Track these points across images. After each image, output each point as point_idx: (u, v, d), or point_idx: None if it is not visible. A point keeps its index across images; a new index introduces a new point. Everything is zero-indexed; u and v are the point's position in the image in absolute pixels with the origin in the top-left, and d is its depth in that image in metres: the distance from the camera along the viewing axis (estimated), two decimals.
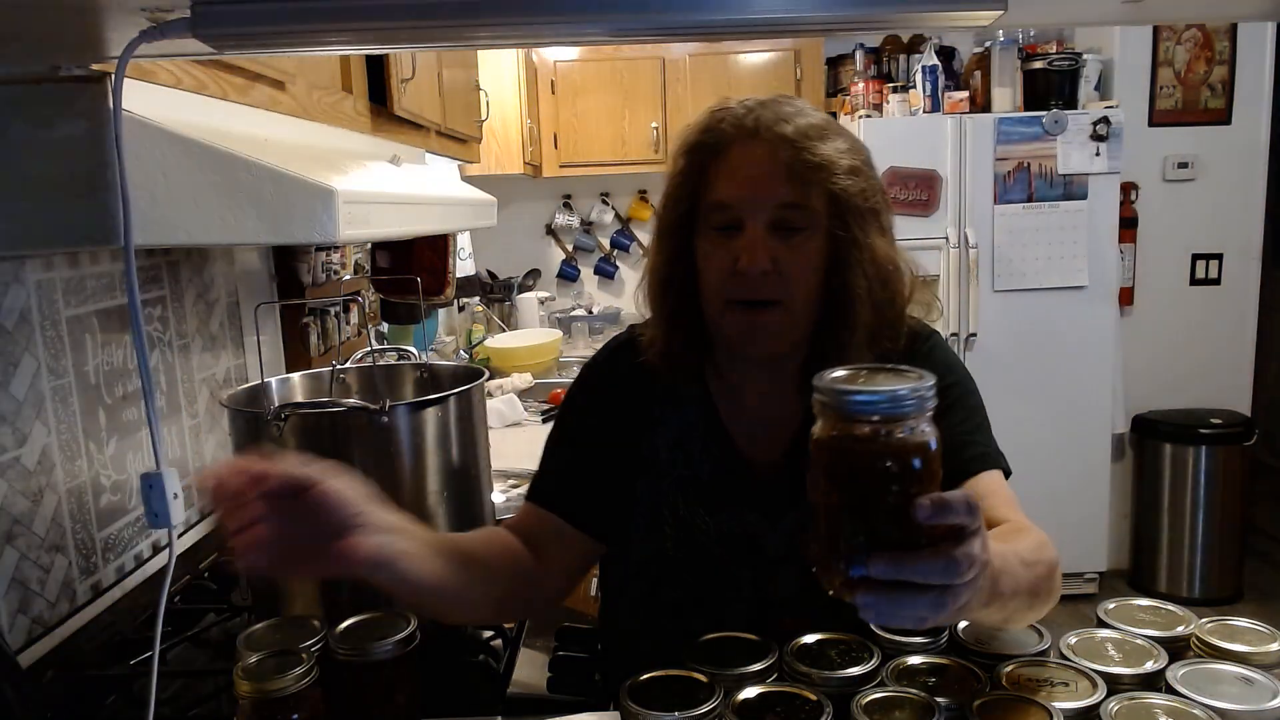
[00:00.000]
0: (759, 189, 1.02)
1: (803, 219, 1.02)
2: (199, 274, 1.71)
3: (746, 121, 1.04)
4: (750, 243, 1.01)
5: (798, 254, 1.02)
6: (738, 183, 1.03)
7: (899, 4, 0.67)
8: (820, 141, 1.02)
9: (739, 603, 1.09)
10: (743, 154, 1.03)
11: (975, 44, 3.92)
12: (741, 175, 1.03)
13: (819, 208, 1.02)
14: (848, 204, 1.02)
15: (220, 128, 1.01)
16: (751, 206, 1.02)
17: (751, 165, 1.03)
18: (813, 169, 1.01)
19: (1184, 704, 0.82)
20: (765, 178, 1.02)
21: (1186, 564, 3.73)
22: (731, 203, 1.03)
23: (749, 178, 1.03)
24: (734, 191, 1.03)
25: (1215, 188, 3.80)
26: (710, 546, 1.09)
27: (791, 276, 1.02)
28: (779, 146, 1.01)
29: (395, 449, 1.17)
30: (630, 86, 3.92)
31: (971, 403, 1.11)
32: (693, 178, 1.06)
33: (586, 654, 1.24)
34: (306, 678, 0.87)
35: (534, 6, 0.67)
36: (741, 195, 1.03)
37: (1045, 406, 3.58)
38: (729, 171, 1.04)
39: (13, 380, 1.19)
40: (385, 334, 2.73)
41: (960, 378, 1.12)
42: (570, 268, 4.45)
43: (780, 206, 1.02)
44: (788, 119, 1.03)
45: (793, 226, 1.02)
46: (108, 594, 1.35)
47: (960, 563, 0.65)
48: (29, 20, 0.67)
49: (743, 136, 1.04)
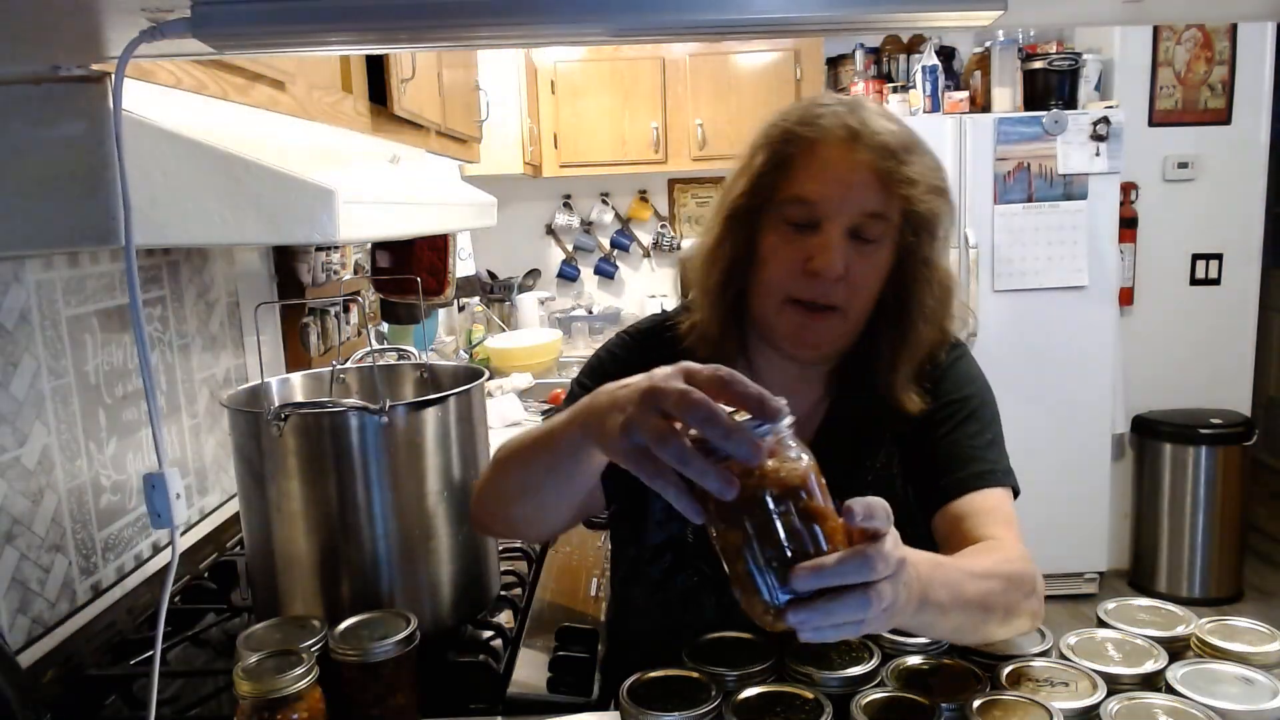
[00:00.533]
0: (848, 192, 1.00)
1: (880, 230, 1.01)
2: (199, 274, 1.71)
3: (850, 121, 1.01)
4: (827, 244, 0.99)
5: (868, 264, 1.01)
6: (826, 182, 1.00)
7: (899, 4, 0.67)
8: (915, 156, 1.01)
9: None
10: (839, 154, 1.00)
11: (975, 44, 3.92)
12: (832, 175, 1.00)
13: (896, 221, 1.01)
14: (923, 222, 1.01)
15: (220, 128, 1.01)
16: (836, 208, 1.00)
17: (845, 167, 1.00)
18: (902, 182, 0.99)
19: (1184, 704, 0.82)
20: (857, 183, 1.00)
21: (1186, 564, 3.73)
22: (815, 200, 1.00)
23: (840, 179, 1.00)
24: (820, 190, 1.00)
25: (1215, 188, 3.80)
26: None
27: (858, 286, 1.01)
28: (877, 154, 0.99)
29: (395, 449, 1.17)
30: (630, 86, 3.92)
31: (985, 416, 1.10)
32: (778, 166, 1.03)
33: (586, 654, 1.24)
34: (306, 678, 0.87)
35: (534, 6, 0.67)
36: (828, 195, 1.00)
37: (1045, 406, 3.58)
38: (820, 168, 1.01)
39: (13, 380, 1.19)
40: (385, 334, 2.73)
41: (977, 390, 1.12)
42: (570, 268, 4.45)
43: (864, 214, 1.00)
44: (887, 129, 1.01)
45: (869, 237, 1.01)
46: (108, 594, 1.35)
47: (873, 557, 0.68)
48: (29, 20, 0.67)
49: (842, 136, 1.01)
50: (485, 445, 1.38)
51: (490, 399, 2.72)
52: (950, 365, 1.12)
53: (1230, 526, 3.68)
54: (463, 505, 1.22)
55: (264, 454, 1.17)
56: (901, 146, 1.01)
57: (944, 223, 1.04)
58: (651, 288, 4.49)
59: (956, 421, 1.08)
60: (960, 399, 1.10)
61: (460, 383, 1.31)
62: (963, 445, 1.06)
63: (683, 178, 4.36)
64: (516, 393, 2.88)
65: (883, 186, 0.99)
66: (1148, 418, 3.79)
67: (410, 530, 1.19)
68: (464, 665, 1.19)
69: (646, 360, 1.17)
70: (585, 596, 1.49)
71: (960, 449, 1.06)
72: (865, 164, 0.99)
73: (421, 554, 1.20)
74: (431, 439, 1.20)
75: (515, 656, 1.25)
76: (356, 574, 1.17)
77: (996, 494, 1.04)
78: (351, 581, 1.17)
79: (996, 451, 1.08)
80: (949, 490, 1.04)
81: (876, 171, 0.99)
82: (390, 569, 1.18)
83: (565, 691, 1.17)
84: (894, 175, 0.99)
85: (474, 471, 1.28)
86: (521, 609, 1.38)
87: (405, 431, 1.18)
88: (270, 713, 0.85)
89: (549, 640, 1.28)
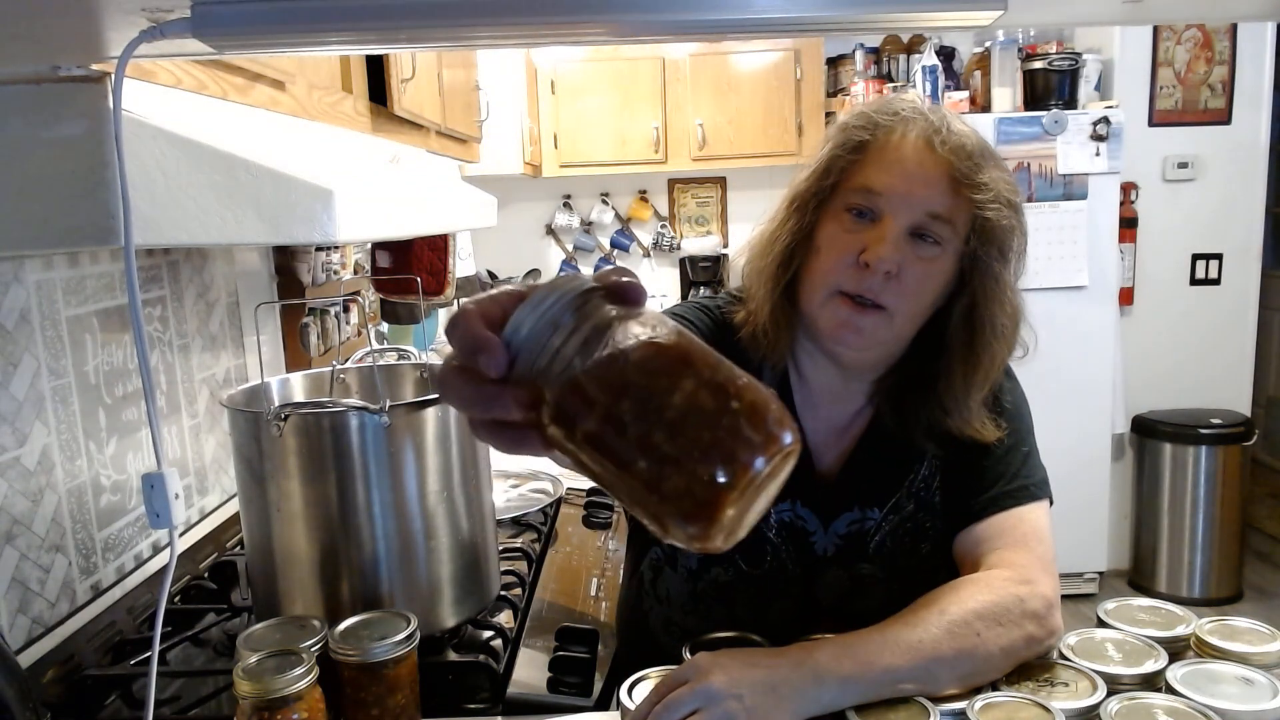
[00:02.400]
0: (914, 186, 0.97)
1: (943, 233, 0.98)
2: (199, 274, 1.71)
3: (932, 118, 1.00)
4: (883, 237, 0.97)
5: (925, 268, 0.98)
6: (895, 175, 0.98)
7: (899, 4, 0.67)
8: (990, 164, 0.99)
9: (785, 599, 1.08)
10: (913, 147, 0.99)
11: (975, 44, 3.92)
12: (901, 169, 0.98)
13: (962, 229, 0.99)
14: (992, 234, 0.99)
15: (220, 128, 1.01)
16: (900, 202, 0.97)
17: (916, 163, 0.98)
18: (973, 187, 0.97)
19: (1184, 704, 0.82)
20: (926, 179, 0.97)
21: (1186, 564, 3.73)
22: (881, 190, 0.98)
23: (908, 174, 0.98)
24: (887, 180, 0.98)
25: (1215, 188, 3.79)
26: (766, 532, 1.08)
27: (909, 288, 0.98)
28: (953, 155, 0.97)
29: (395, 449, 1.17)
30: (630, 86, 3.92)
31: (1022, 429, 1.10)
32: (852, 151, 1.01)
33: (586, 654, 1.24)
34: (306, 678, 0.87)
35: (534, 6, 0.67)
36: (894, 187, 0.98)
37: (1045, 406, 3.56)
38: (891, 158, 0.99)
39: (13, 380, 1.19)
40: (385, 334, 2.73)
41: (1014, 402, 1.12)
42: (570, 268, 4.45)
43: (928, 213, 0.97)
44: (965, 133, 0.99)
45: (930, 237, 0.98)
46: (108, 594, 1.35)
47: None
48: (29, 20, 0.67)
49: (920, 130, 0.99)
50: (485, 446, 1.37)
51: None
52: (1000, 391, 1.11)
53: (1230, 526, 3.68)
54: (462, 505, 1.22)
55: (264, 454, 1.17)
56: (978, 152, 0.98)
57: (1015, 240, 1.01)
58: (652, 288, 4.49)
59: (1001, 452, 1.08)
60: (1000, 413, 1.09)
61: None
62: (997, 461, 1.07)
63: (683, 178, 4.37)
64: None
65: (952, 188, 0.97)
66: (1148, 418, 3.79)
67: (410, 530, 1.19)
68: (464, 665, 1.19)
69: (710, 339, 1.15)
70: (585, 596, 1.49)
71: (995, 466, 1.06)
72: (938, 162, 0.97)
73: (421, 554, 1.20)
74: (431, 439, 1.20)
75: (515, 657, 1.25)
76: (356, 574, 1.17)
77: (1020, 511, 1.03)
78: (351, 581, 1.17)
79: (1030, 465, 1.08)
80: (976, 511, 1.04)
81: (948, 171, 0.97)
82: (390, 569, 1.18)
83: (565, 692, 1.17)
84: (966, 179, 0.97)
85: (474, 472, 1.28)
86: (521, 609, 1.38)
87: (405, 431, 1.17)
88: (270, 713, 0.85)
89: (549, 640, 1.28)
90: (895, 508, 1.08)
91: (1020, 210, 1.02)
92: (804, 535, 1.09)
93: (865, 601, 1.07)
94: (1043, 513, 1.04)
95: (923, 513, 1.09)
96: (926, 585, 1.04)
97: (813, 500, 1.09)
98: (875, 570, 1.08)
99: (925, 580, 1.06)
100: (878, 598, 1.07)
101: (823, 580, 1.09)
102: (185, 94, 0.94)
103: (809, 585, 1.09)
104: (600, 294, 0.47)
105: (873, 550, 1.08)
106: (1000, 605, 0.90)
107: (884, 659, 0.85)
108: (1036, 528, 1.02)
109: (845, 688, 0.83)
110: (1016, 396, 1.13)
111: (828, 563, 1.09)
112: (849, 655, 0.84)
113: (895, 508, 1.08)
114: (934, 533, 1.09)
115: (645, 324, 0.46)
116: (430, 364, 1.52)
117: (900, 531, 1.08)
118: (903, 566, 1.08)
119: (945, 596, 0.91)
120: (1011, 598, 0.91)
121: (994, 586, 0.92)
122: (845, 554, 1.08)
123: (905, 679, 0.85)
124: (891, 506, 1.08)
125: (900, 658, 0.85)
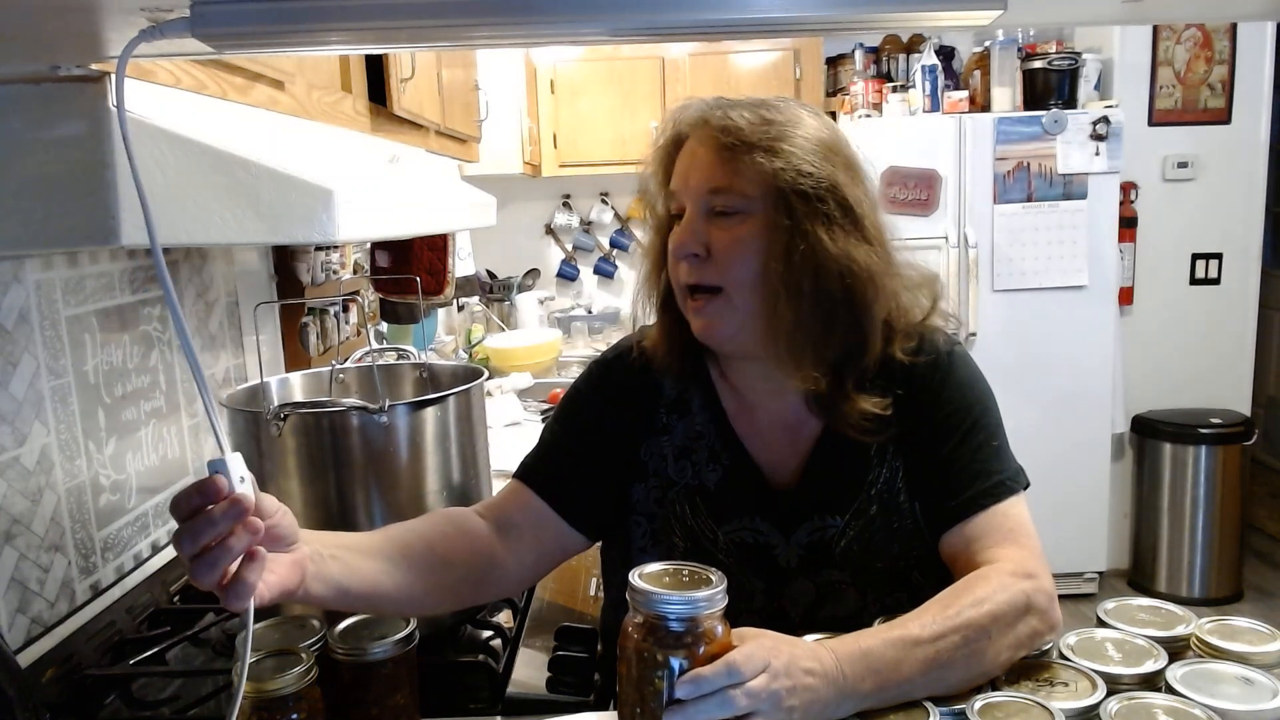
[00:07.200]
0: (692, 173, 1.05)
1: (733, 202, 1.03)
2: (198, 274, 1.71)
3: (703, 112, 1.07)
4: (683, 224, 1.05)
5: (728, 236, 1.03)
6: (680, 169, 1.07)
7: (899, 4, 0.67)
8: (774, 134, 1.02)
9: (751, 614, 1.08)
10: (691, 142, 1.07)
11: (975, 44, 3.92)
12: (684, 163, 1.07)
13: (753, 193, 1.02)
14: (794, 197, 1.00)
15: (220, 128, 1.01)
16: (688, 192, 1.05)
17: (691, 151, 1.06)
18: (753, 155, 1.01)
19: (1184, 704, 0.82)
20: (699, 163, 1.05)
21: (1186, 564, 3.73)
22: (676, 189, 1.07)
23: (688, 164, 1.06)
24: (678, 179, 1.07)
25: (1215, 188, 3.80)
26: (718, 556, 1.09)
27: (724, 259, 1.03)
28: (720, 132, 1.03)
29: (395, 449, 1.17)
30: (630, 86, 3.92)
31: (989, 424, 1.08)
32: (660, 174, 1.11)
33: (586, 654, 1.24)
34: (306, 678, 0.87)
35: (534, 6, 0.67)
36: (682, 180, 1.06)
37: (1045, 406, 3.58)
38: (681, 159, 1.08)
39: (12, 380, 1.19)
40: (385, 334, 2.73)
41: (978, 395, 1.10)
42: (570, 267, 4.45)
43: (710, 190, 1.04)
44: (735, 108, 1.05)
45: (724, 211, 1.04)
46: (107, 594, 1.35)
47: (736, 663, 0.79)
48: (29, 20, 0.67)
49: (694, 125, 1.07)
50: (485, 445, 1.38)
51: (489, 399, 2.72)
52: (948, 370, 1.10)
53: (1230, 526, 3.68)
54: (462, 505, 1.22)
55: (264, 454, 1.17)
56: (749, 122, 1.02)
57: (827, 201, 1.01)
58: None
59: (962, 434, 1.07)
60: (963, 408, 1.08)
61: (459, 382, 1.31)
62: (969, 459, 1.05)
63: None
64: (516, 392, 2.88)
65: (727, 162, 1.02)
66: (1147, 417, 3.79)
67: None
68: (463, 665, 1.19)
69: (631, 375, 1.17)
70: (585, 596, 1.49)
71: (967, 464, 1.05)
72: (706, 142, 1.04)
73: None
74: (431, 439, 1.20)
75: (514, 656, 1.25)
76: None
77: (1002, 507, 1.03)
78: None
79: (1002, 458, 1.07)
80: (957, 512, 1.04)
81: (716, 148, 1.03)
82: None
83: (565, 691, 1.17)
84: (742, 148, 1.02)
85: (473, 471, 1.29)
86: (521, 609, 1.38)
87: (405, 431, 1.18)
88: (269, 713, 0.85)
89: (548, 640, 1.28)
90: (858, 513, 1.08)
91: (824, 162, 1.02)
92: (765, 550, 1.09)
93: (834, 609, 1.08)
94: (1023, 505, 1.05)
95: (889, 515, 1.08)
96: (898, 586, 1.07)
97: (772, 514, 1.09)
98: (843, 576, 1.08)
99: (897, 581, 1.08)
100: (848, 604, 1.08)
101: (788, 591, 1.09)
102: (185, 94, 0.94)
103: (774, 598, 1.09)
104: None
105: (839, 557, 1.08)
106: (1012, 604, 0.91)
107: (902, 672, 0.85)
108: (1021, 521, 1.03)
109: (862, 702, 0.85)
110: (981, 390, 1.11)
111: (792, 573, 1.09)
112: (872, 674, 0.84)
113: (858, 513, 1.08)
114: (903, 533, 1.08)
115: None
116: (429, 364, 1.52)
117: (866, 535, 1.08)
118: (872, 570, 1.08)
119: (962, 598, 0.91)
120: (1020, 594, 0.92)
121: (1005, 585, 0.93)
122: (809, 563, 1.08)
123: (919, 689, 0.87)
124: (854, 512, 1.08)
125: (917, 669, 0.86)
